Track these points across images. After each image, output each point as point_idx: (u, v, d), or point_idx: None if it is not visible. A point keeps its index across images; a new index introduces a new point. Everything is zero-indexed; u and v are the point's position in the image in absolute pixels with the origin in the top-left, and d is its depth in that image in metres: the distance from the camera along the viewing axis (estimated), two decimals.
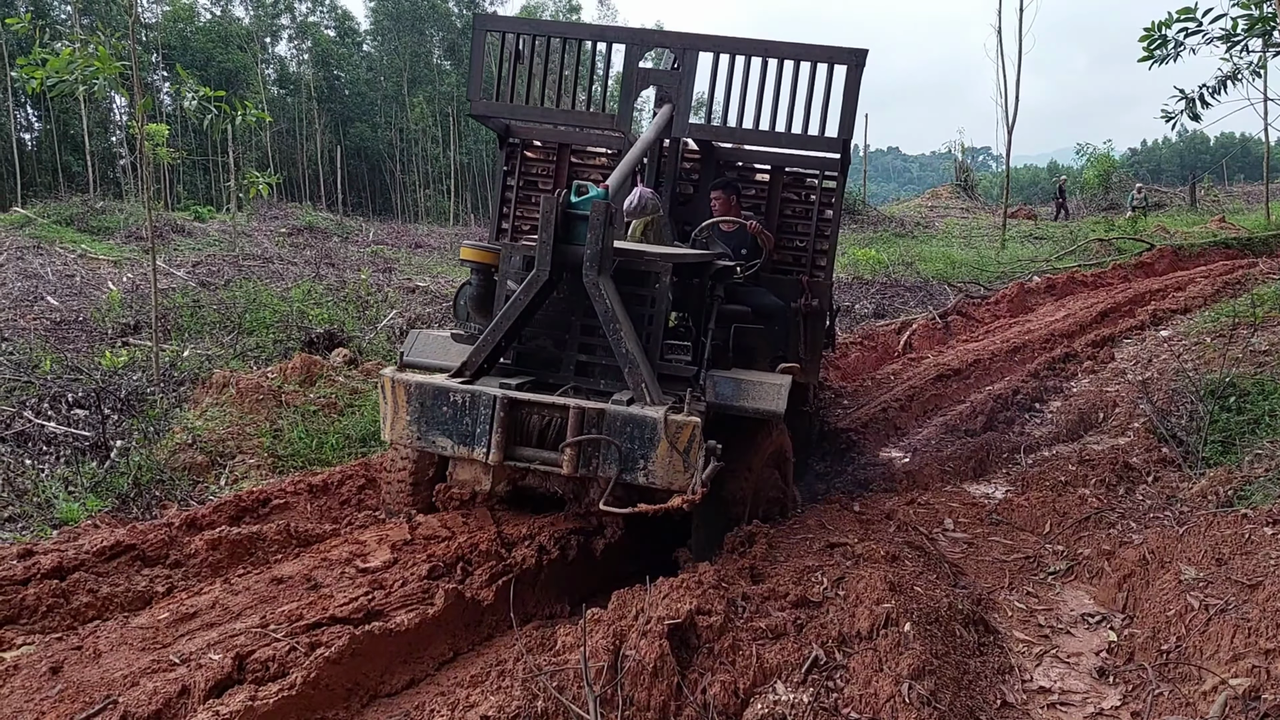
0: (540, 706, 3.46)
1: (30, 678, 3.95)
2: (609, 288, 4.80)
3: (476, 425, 4.70)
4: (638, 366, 4.74)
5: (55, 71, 10.30)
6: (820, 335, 7.17)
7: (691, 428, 4.48)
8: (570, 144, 7.83)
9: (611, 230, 4.82)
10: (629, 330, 4.81)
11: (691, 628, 4.04)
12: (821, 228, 7.32)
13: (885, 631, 4.03)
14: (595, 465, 4.61)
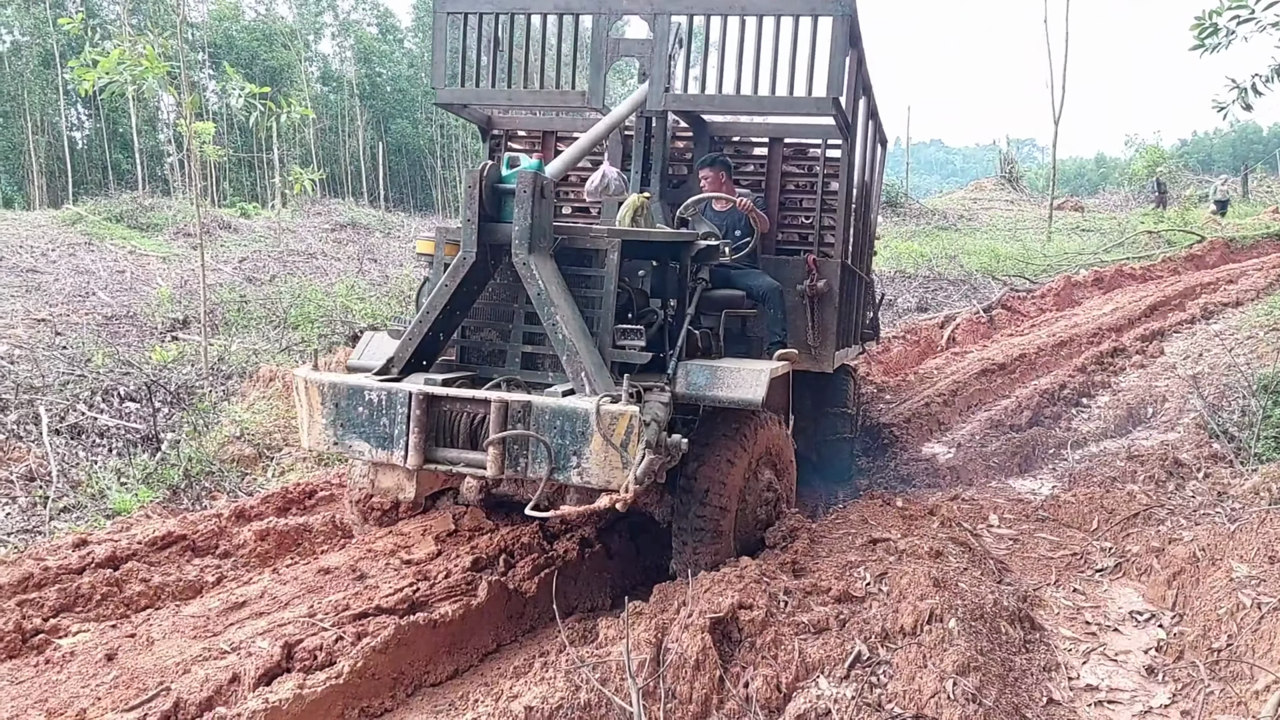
0: (583, 698, 3.47)
1: (87, 664, 4.05)
2: (543, 267, 4.36)
3: (394, 426, 4.24)
4: (576, 354, 4.26)
5: (106, 72, 10.50)
6: (832, 320, 6.56)
7: (628, 419, 3.97)
8: (556, 132, 7.45)
9: (545, 204, 4.42)
10: (568, 314, 4.35)
11: (733, 621, 4.04)
12: (827, 201, 6.76)
13: (929, 627, 4.01)
14: (524, 465, 4.11)
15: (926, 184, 55.29)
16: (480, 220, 4.41)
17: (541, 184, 4.38)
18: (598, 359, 4.40)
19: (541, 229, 4.43)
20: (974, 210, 35.75)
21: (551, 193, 4.51)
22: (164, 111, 42.79)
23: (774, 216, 6.83)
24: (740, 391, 4.67)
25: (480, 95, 6.63)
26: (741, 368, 4.82)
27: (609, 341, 4.54)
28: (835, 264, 6.49)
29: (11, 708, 3.73)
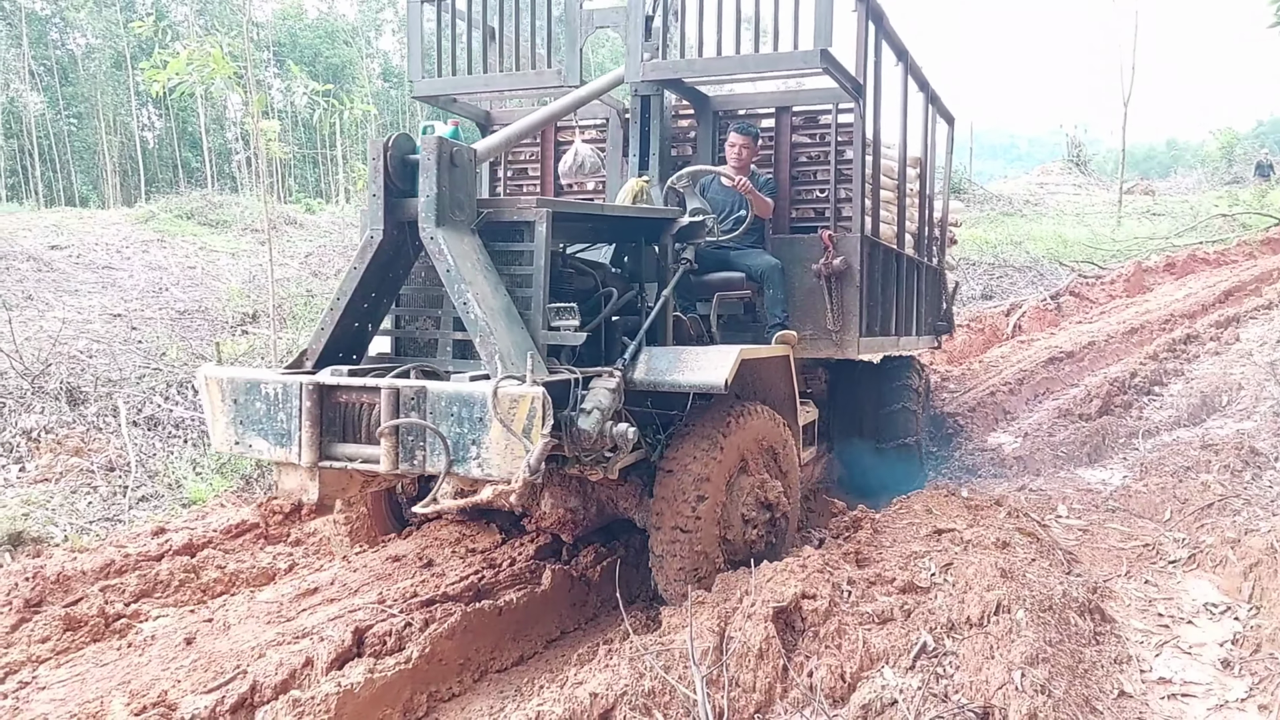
0: (647, 685, 3.50)
1: (166, 647, 4.19)
2: (454, 242, 3.97)
3: (290, 421, 3.93)
4: (490, 334, 3.83)
5: (176, 73, 10.75)
6: (854, 301, 5.99)
7: (530, 402, 3.54)
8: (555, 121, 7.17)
9: (460, 173, 4.05)
10: (485, 291, 3.96)
11: (797, 611, 4.03)
12: (842, 171, 6.25)
13: (996, 618, 3.96)
14: (422, 458, 3.74)
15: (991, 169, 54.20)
16: (387, 195, 4.04)
17: (451, 151, 4.00)
18: (524, 339, 3.98)
19: (456, 200, 4.04)
20: (1040, 195, 35.03)
21: (470, 161, 4.13)
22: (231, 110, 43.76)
23: (786, 192, 6.41)
24: (701, 375, 4.25)
25: (457, 84, 6.36)
26: (710, 350, 4.50)
27: (541, 322, 4.10)
28: (854, 239, 5.97)
29: (96, 689, 3.88)
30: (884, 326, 6.67)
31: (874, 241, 6.25)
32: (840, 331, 5.98)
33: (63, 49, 36.08)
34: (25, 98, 33.77)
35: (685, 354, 4.41)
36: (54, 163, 33.18)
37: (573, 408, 3.86)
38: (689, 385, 4.27)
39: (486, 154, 4.72)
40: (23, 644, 4.47)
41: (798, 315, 5.94)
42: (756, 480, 4.76)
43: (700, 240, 5.06)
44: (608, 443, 3.86)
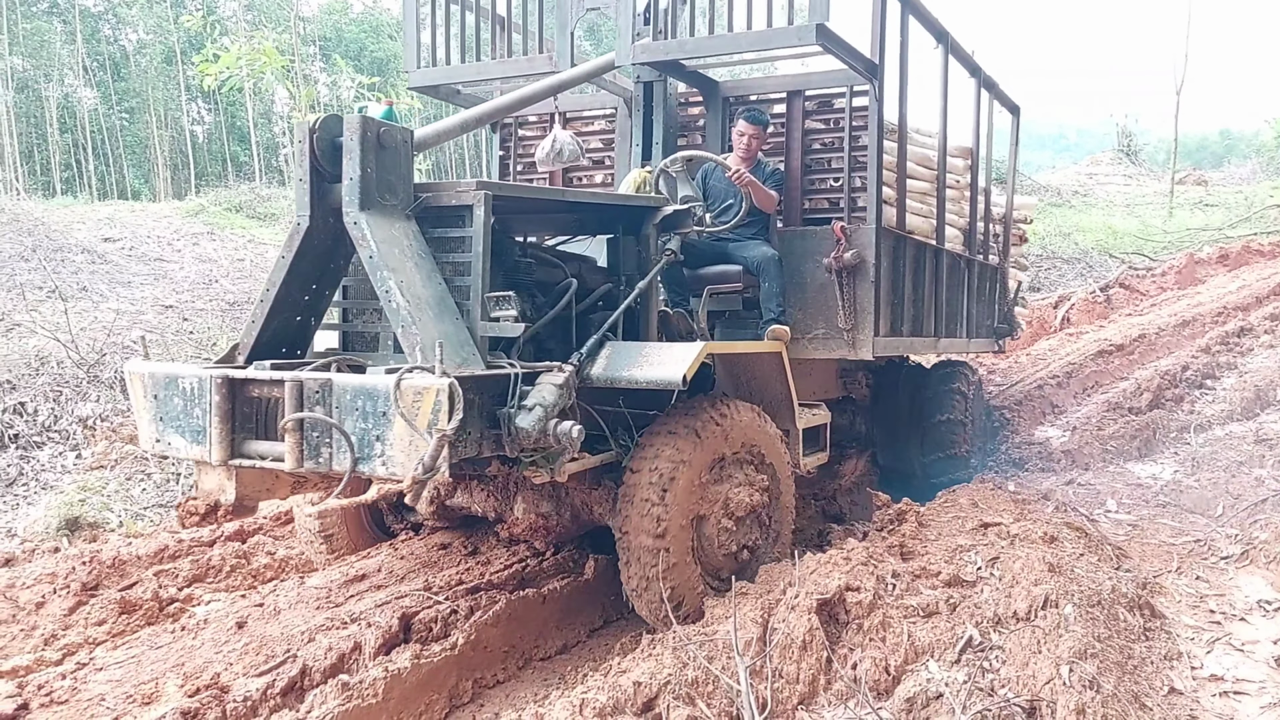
0: (690, 675, 3.51)
1: (219, 631, 4.28)
2: (376, 227, 3.74)
3: (205, 417, 3.73)
4: (412, 325, 3.59)
5: (227, 68, 10.91)
6: (868, 297, 5.56)
7: (434, 395, 3.30)
8: (565, 112, 6.81)
9: (388, 155, 3.82)
10: (412, 279, 3.72)
11: (840, 603, 4.02)
12: (857, 158, 5.80)
13: (1044, 613, 3.92)
14: (328, 456, 3.51)
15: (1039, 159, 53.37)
16: (314, 180, 3.82)
17: (378, 132, 3.77)
18: (457, 331, 3.74)
19: (385, 184, 3.82)
20: (1089, 186, 34.45)
21: (399, 143, 3.87)
22: (278, 104, 44.30)
23: (797, 181, 6.00)
24: (658, 371, 3.96)
25: (450, 74, 6.15)
26: (675, 346, 4.23)
27: (481, 313, 3.85)
28: (869, 230, 5.56)
29: (151, 670, 3.97)
30: (915, 326, 6.31)
31: (897, 235, 5.92)
32: (853, 330, 5.58)
33: (115, 45, 36.73)
34: (79, 93, 34.45)
35: (648, 349, 4.16)
36: (107, 157, 33.84)
37: (513, 404, 3.62)
38: (645, 381, 3.98)
39: (434, 137, 4.48)
40: (80, 626, 4.60)
41: (809, 312, 5.65)
42: (738, 487, 4.45)
43: (687, 230, 4.79)
44: (551, 442, 3.61)
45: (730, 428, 4.39)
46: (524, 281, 4.28)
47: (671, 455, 4.10)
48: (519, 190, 4.42)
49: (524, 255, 4.37)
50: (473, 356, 3.69)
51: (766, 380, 4.94)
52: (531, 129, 6.92)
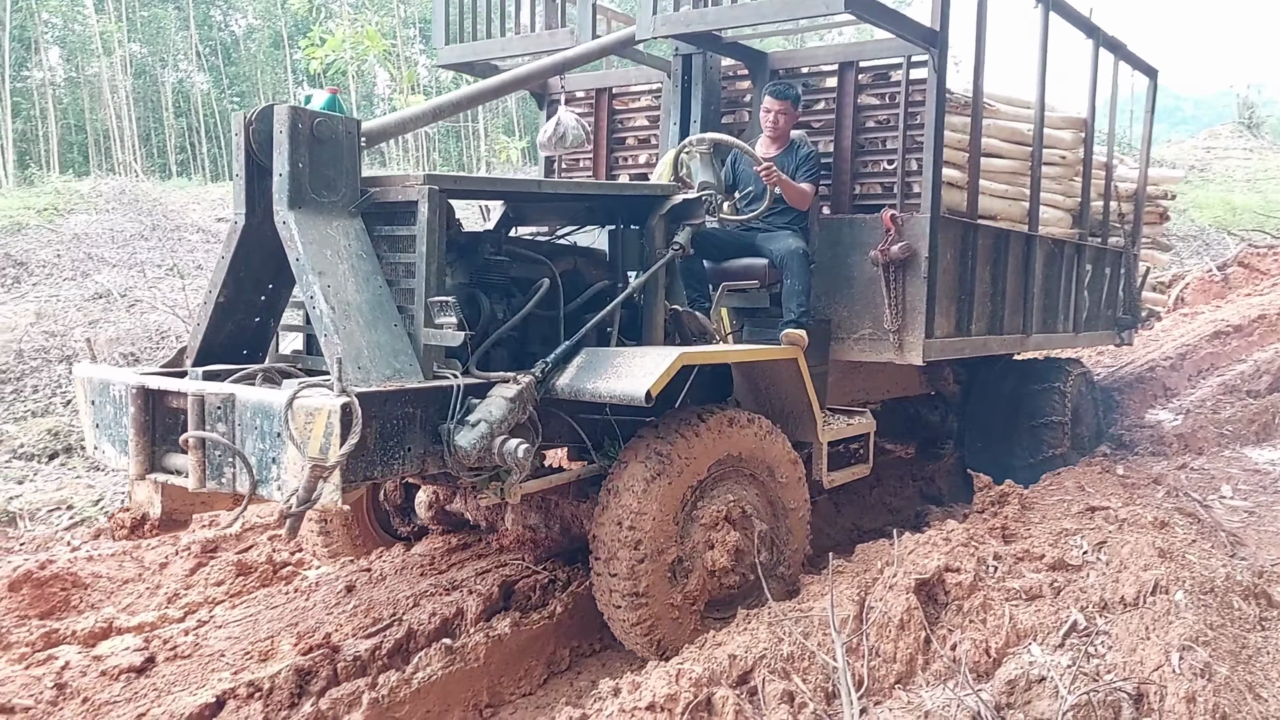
0: (786, 650, 3.52)
1: (329, 594, 4.45)
2: (305, 227, 3.42)
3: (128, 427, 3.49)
4: (332, 335, 3.29)
5: (332, 51, 11.19)
6: (919, 295, 4.99)
7: (325, 417, 2.98)
8: (610, 88, 6.37)
9: (324, 148, 3.50)
10: (339, 283, 3.40)
11: (939, 584, 3.98)
12: (914, 138, 5.12)
13: (1153, 599, 3.81)
14: (231, 476, 3.23)
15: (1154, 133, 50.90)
16: (249, 176, 3.57)
17: (312, 123, 3.45)
18: (392, 340, 3.45)
19: (322, 179, 3.51)
20: (1207, 160, 32.90)
21: (348, 134, 3.58)
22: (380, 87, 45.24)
23: (847, 164, 5.38)
24: (622, 383, 3.57)
25: (477, 50, 5.79)
26: (650, 353, 3.81)
27: (424, 319, 3.52)
28: (923, 220, 4.97)
29: (267, 629, 4.16)
30: (992, 323, 5.76)
31: (965, 223, 5.37)
32: (900, 331, 5.02)
33: (225, 30, 37.97)
34: (193, 78, 35.77)
35: (622, 358, 3.75)
36: (219, 140, 35.07)
37: (454, 419, 3.35)
38: (608, 395, 3.61)
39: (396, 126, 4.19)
40: (200, 586, 4.84)
41: (855, 310, 5.14)
42: (728, 505, 4.03)
43: (698, 222, 4.39)
44: (497, 461, 3.33)
45: (717, 441, 3.97)
46: (495, 281, 3.98)
47: (647, 472, 3.74)
48: (469, 182, 4.03)
49: (496, 251, 4.02)
50: (409, 367, 3.41)
51: (785, 388, 4.56)
52: (579, 105, 6.46)
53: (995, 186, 5.83)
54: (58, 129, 29.86)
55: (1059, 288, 6.57)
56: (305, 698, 3.52)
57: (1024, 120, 6.07)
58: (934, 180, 4.97)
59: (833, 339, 5.19)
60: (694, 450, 3.86)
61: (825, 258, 5.21)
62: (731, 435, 4.04)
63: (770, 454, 4.23)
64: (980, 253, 5.53)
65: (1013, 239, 5.89)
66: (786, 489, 4.32)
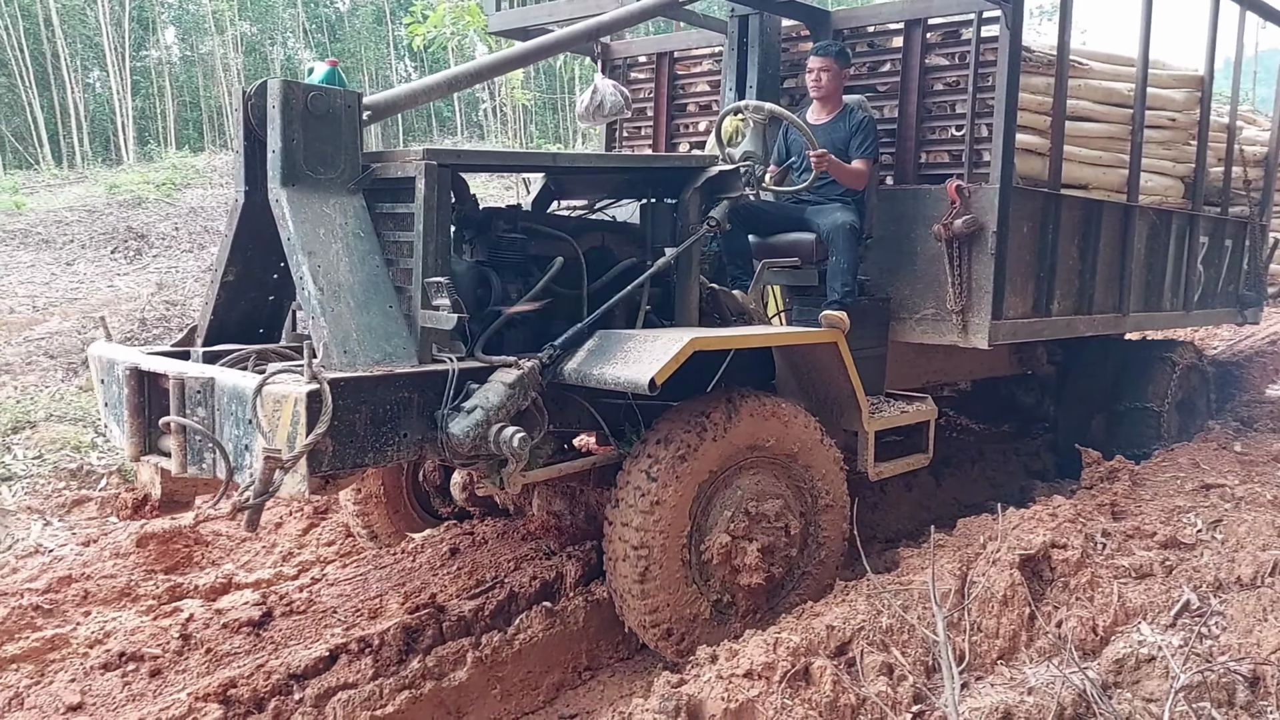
0: (884, 623, 3.50)
1: (434, 556, 4.59)
2: (298, 205, 3.30)
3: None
4: (318, 317, 3.17)
5: (433, 26, 11.35)
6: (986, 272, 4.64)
7: (292, 404, 2.89)
8: (671, 52, 6.02)
9: (320, 123, 3.36)
10: (331, 264, 3.27)
11: (1045, 560, 3.91)
12: (984, 101, 4.72)
13: (1272, 579, 3.68)
14: (211, 461, 3.14)
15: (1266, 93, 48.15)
16: (248, 151, 3.49)
17: (308, 97, 3.32)
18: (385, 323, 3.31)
19: (318, 155, 3.38)
20: None
21: (339, 109, 3.41)
22: None
23: (912, 131, 4.99)
24: (628, 370, 3.34)
25: (526, 15, 5.58)
26: (663, 336, 3.55)
27: (421, 301, 3.35)
28: (991, 191, 4.60)
29: (376, 588, 4.33)
30: (1080, 302, 5.37)
31: (1046, 194, 5.04)
32: (964, 312, 4.68)
33: (330, 7, 38.81)
34: (300, 54, 36.71)
35: (634, 341, 3.52)
36: None
37: (449, 405, 3.21)
38: (612, 382, 3.38)
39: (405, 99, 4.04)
40: (313, 546, 5.05)
41: (918, 288, 4.82)
42: (750, 499, 3.77)
43: (737, 195, 4.11)
44: (493, 449, 3.19)
45: (739, 430, 3.71)
46: (511, 259, 3.83)
47: (661, 462, 3.53)
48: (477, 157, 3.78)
49: (511, 228, 3.88)
50: (403, 350, 3.27)
51: (827, 374, 4.27)
52: (642, 70, 6.19)
53: (1086, 153, 5.46)
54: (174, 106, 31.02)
55: (1165, 262, 6.10)
56: (413, 654, 3.65)
57: (1124, 80, 5.65)
58: (1005, 148, 4.61)
59: (893, 319, 4.89)
60: (712, 440, 3.62)
61: (887, 231, 4.89)
62: (755, 424, 3.76)
63: (799, 444, 3.93)
64: (1065, 226, 5.16)
65: (1106, 210, 5.47)
66: (820, 481, 4.02)
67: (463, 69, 4.32)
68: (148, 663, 3.70)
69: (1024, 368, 6.27)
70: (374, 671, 3.53)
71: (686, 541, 3.61)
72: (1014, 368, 6.23)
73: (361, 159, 3.49)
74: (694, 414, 3.65)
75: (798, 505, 3.96)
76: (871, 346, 4.72)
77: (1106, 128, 5.62)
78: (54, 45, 26.02)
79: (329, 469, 2.98)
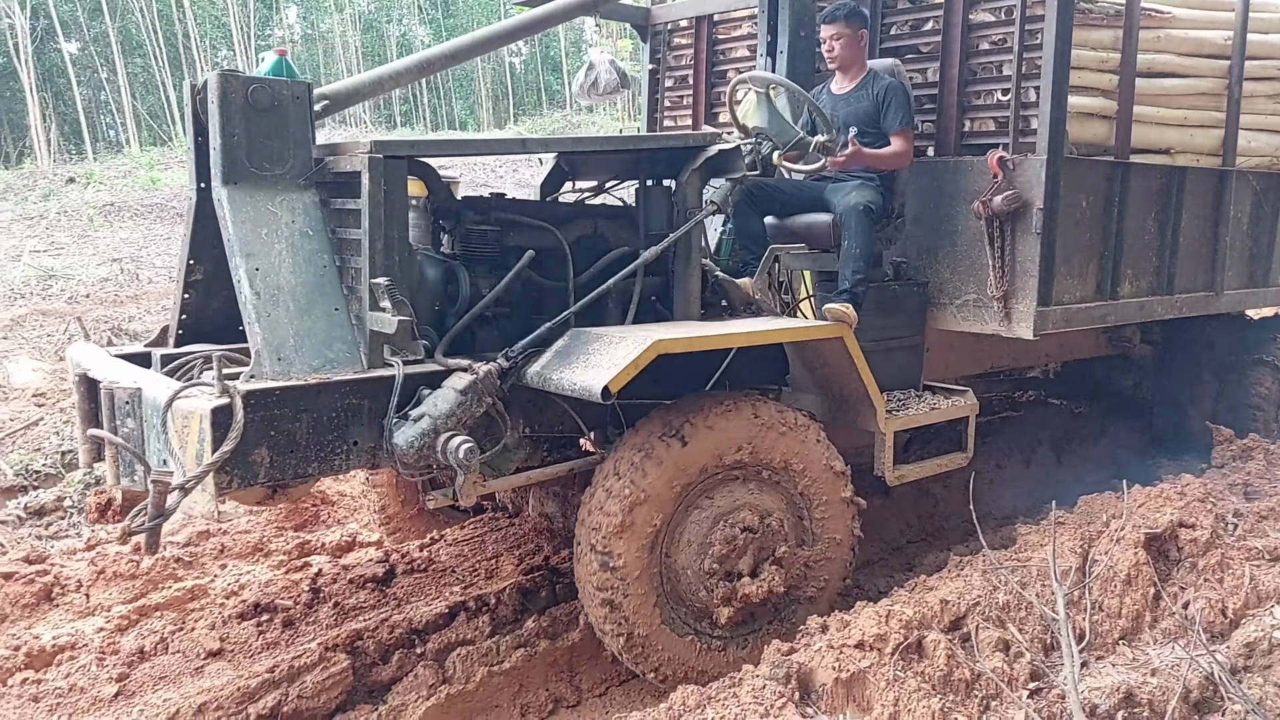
0: (1001, 599, 3.44)
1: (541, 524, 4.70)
2: (238, 205, 3.12)
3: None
4: (253, 323, 3.00)
5: None
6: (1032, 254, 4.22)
7: (198, 421, 2.71)
8: (710, 15, 5.58)
9: (264, 117, 3.18)
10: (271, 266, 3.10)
11: (1171, 539, 3.78)
12: (1032, 62, 4.26)
13: None
14: (142, 474, 2.92)
15: None
16: (198, 148, 3.33)
17: (248, 90, 3.14)
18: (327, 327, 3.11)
19: (263, 151, 3.20)
20: None
21: (286, 101, 3.22)
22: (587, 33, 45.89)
23: (953, 98, 4.56)
24: (585, 375, 3.04)
25: None
26: (627, 337, 3.18)
27: (370, 302, 3.12)
28: (1037, 162, 4.17)
29: (492, 549, 4.52)
30: (1158, 281, 4.93)
31: (1109, 164, 4.59)
32: (1006, 298, 4.28)
33: None
34: (415, 30, 37.49)
35: (601, 341, 3.21)
36: (438, 90, 36.66)
37: (396, 413, 3.03)
38: (569, 388, 3.08)
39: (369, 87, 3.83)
40: None
41: (959, 271, 4.45)
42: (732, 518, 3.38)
43: (738, 176, 3.81)
44: (440, 460, 2.99)
45: (717, 437, 3.33)
46: (484, 253, 3.59)
47: (628, 474, 3.21)
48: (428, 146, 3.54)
49: (482, 220, 3.62)
50: (346, 356, 3.09)
51: (837, 371, 3.86)
52: (684, 35, 5.78)
53: (1169, 113, 4.96)
54: None
55: (1272, 232, 5.57)
56: (527, 614, 3.77)
57: (1219, 27, 5.09)
58: (1053, 114, 4.13)
59: (932, 304, 4.53)
60: (686, 448, 3.26)
61: (926, 208, 4.52)
62: (736, 430, 3.37)
63: (789, 452, 3.50)
64: (1137, 198, 4.71)
65: (1192, 177, 4.97)
66: (816, 493, 3.59)
67: (435, 51, 4.08)
68: (280, 613, 3.91)
69: (1114, 349, 5.93)
70: (491, 629, 3.66)
71: (656, 563, 3.28)
72: (1103, 349, 5.90)
73: (316, 152, 3.32)
74: (669, 421, 3.31)
75: (790, 522, 3.54)
76: (906, 335, 4.40)
77: (1195, 83, 5.06)
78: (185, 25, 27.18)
79: (267, 480, 2.87)
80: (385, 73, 3.91)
